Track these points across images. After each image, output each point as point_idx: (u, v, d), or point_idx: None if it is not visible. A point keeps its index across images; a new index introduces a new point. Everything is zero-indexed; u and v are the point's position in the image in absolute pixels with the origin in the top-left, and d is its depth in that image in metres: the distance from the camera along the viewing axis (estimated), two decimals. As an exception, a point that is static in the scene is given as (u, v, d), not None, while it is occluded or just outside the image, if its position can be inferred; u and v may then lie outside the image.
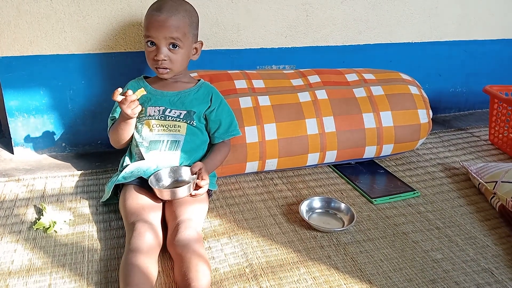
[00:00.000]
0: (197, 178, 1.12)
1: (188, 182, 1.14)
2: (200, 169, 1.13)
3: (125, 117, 1.16)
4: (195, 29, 1.23)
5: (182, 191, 1.08)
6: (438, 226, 1.18)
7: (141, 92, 1.13)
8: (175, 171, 1.17)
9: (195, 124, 1.22)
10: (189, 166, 1.16)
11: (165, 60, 1.17)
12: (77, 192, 1.29)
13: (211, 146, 1.28)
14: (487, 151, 1.66)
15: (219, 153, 1.25)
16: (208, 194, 1.22)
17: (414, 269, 1.01)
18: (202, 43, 1.26)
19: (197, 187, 1.12)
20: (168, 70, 1.20)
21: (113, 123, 1.26)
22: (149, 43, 1.18)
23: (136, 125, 1.22)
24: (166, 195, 1.09)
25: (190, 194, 1.11)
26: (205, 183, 1.13)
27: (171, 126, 1.20)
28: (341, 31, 1.72)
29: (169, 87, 1.24)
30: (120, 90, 1.10)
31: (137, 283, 0.87)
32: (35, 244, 1.05)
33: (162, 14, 1.14)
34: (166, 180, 1.16)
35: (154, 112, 1.21)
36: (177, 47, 1.17)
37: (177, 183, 1.16)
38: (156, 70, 1.21)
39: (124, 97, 1.10)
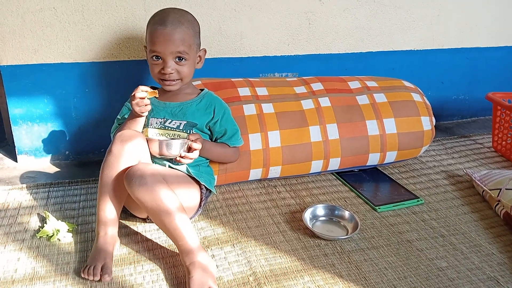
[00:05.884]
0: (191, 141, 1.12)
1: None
2: (196, 138, 1.13)
3: (133, 114, 1.15)
4: (198, 38, 1.23)
5: (174, 145, 1.08)
6: (443, 234, 1.17)
7: (153, 93, 1.13)
8: (172, 138, 1.16)
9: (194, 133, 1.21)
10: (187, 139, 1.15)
11: (172, 73, 1.17)
12: (80, 200, 1.29)
13: None
14: (490, 158, 1.65)
15: (222, 146, 1.26)
16: (202, 197, 1.19)
17: (419, 278, 1.01)
18: (205, 51, 1.27)
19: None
20: (175, 82, 1.19)
21: (118, 126, 1.26)
22: (154, 58, 1.17)
23: None
24: (155, 146, 1.08)
25: (180, 155, 1.10)
26: (197, 147, 1.11)
27: (170, 135, 1.19)
28: (343, 39, 1.73)
29: (172, 98, 1.24)
30: (142, 87, 1.10)
31: None
32: (39, 253, 1.05)
33: (167, 28, 1.14)
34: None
35: (156, 123, 1.21)
36: (183, 60, 1.17)
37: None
38: (162, 83, 1.20)
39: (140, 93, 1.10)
